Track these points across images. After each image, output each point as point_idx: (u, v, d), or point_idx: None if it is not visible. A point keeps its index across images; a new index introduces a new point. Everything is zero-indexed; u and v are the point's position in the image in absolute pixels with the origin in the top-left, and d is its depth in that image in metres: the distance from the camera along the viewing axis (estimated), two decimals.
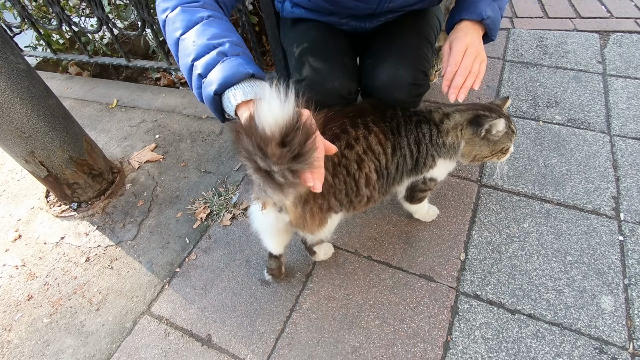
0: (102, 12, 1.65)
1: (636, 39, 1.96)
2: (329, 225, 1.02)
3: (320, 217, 0.96)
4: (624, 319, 1.06)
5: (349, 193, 0.98)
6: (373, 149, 0.98)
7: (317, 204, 0.94)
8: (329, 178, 0.93)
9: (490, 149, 1.02)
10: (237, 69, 0.72)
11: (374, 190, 1.03)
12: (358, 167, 0.96)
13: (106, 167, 1.58)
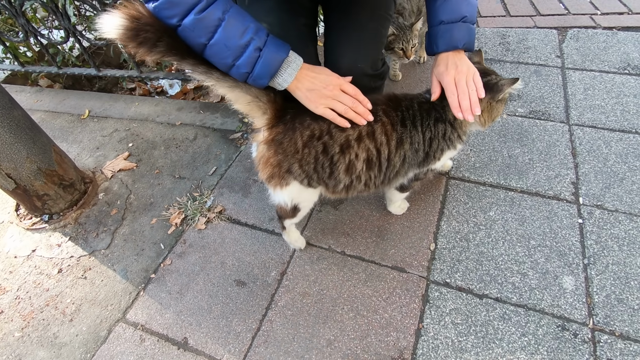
0: (68, 22, 1.64)
1: (591, 33, 2.06)
2: (290, 192, 1.04)
3: (275, 172, 1.00)
4: (584, 297, 1.11)
5: (319, 171, 1.00)
6: (376, 137, 0.99)
7: (275, 157, 0.98)
8: (299, 144, 0.96)
9: (503, 105, 1.10)
10: (275, 59, 0.88)
11: (357, 180, 1.04)
12: (340, 151, 0.98)
13: (78, 178, 1.57)
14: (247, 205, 1.48)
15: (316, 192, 1.11)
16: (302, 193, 1.07)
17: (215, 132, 1.83)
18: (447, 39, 1.00)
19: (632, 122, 1.57)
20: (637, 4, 2.22)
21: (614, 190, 1.34)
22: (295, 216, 1.17)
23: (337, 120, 0.94)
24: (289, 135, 0.96)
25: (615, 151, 1.47)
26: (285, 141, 0.97)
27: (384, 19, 1.18)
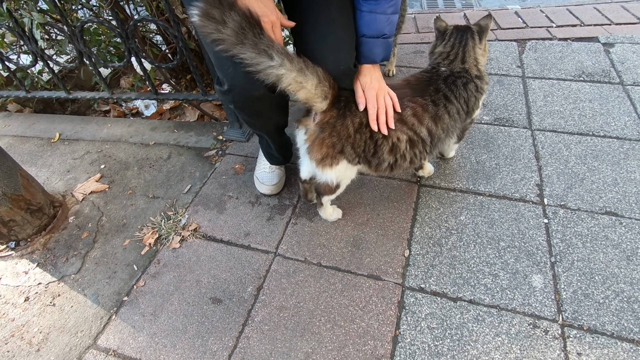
0: (36, 46, 1.63)
1: (548, 44, 2.18)
2: (338, 170, 1.14)
3: (328, 153, 1.10)
4: (552, 294, 1.14)
5: (366, 151, 1.13)
6: (406, 121, 1.12)
7: (330, 139, 1.08)
8: (350, 129, 1.08)
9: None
10: None
11: (401, 158, 1.17)
12: (383, 136, 1.11)
13: (46, 202, 1.53)
14: (222, 222, 1.47)
15: (355, 170, 1.22)
16: (346, 171, 1.18)
17: (190, 150, 1.82)
18: (367, 52, 1.11)
19: (589, 125, 1.65)
20: (588, 17, 2.38)
21: (575, 190, 1.41)
22: (336, 192, 1.27)
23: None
24: (340, 120, 1.08)
25: (575, 153, 1.54)
26: (338, 125, 1.08)
27: (350, 8, 1.11)
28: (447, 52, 1.24)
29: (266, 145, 1.48)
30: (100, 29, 1.84)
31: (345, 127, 1.08)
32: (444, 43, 1.25)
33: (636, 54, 2.01)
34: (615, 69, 1.93)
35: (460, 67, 1.22)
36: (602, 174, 1.45)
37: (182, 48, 1.54)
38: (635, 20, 2.30)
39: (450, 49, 1.23)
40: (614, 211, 1.32)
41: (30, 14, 1.55)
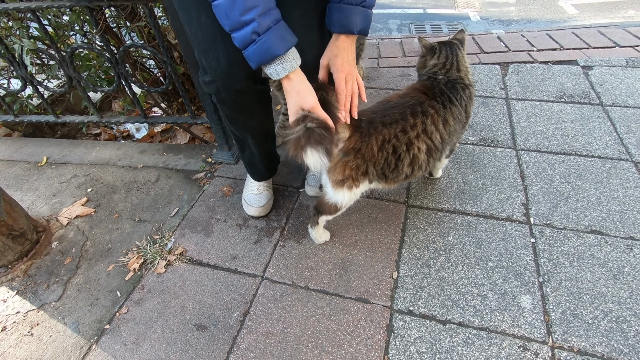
0: (25, 71, 1.64)
1: (530, 67, 2.25)
2: (355, 191, 1.16)
3: (351, 174, 1.11)
4: (542, 315, 1.13)
5: (385, 168, 1.14)
6: (427, 130, 1.15)
7: (354, 162, 1.09)
8: (375, 149, 1.09)
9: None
10: (268, 52, 0.87)
11: (418, 169, 1.19)
12: (406, 149, 1.13)
13: (29, 227, 1.50)
14: (209, 245, 1.45)
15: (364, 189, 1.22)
16: (361, 189, 1.19)
17: (178, 173, 1.82)
18: (344, 21, 0.99)
19: (571, 145, 1.69)
20: (567, 41, 2.47)
21: (561, 209, 1.42)
22: (337, 213, 1.28)
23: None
24: (365, 142, 1.09)
25: (559, 172, 1.56)
26: (363, 147, 1.09)
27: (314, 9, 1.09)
28: (442, 63, 1.28)
29: (249, 156, 1.45)
30: (91, 55, 1.86)
31: (370, 148, 1.09)
32: (437, 56, 1.30)
33: (614, 76, 2.08)
34: (594, 91, 2.00)
35: (456, 75, 1.27)
36: (586, 193, 1.47)
37: (172, 73, 1.56)
38: (611, 44, 2.40)
39: (445, 59, 1.28)
40: (599, 230, 1.33)
41: (20, 40, 1.57)
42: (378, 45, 2.75)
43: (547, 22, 4.63)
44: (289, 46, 0.90)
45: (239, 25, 0.85)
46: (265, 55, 0.88)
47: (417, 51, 2.60)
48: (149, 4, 1.40)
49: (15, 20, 1.67)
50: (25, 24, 1.71)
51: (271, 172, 1.56)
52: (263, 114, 1.32)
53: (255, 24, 0.84)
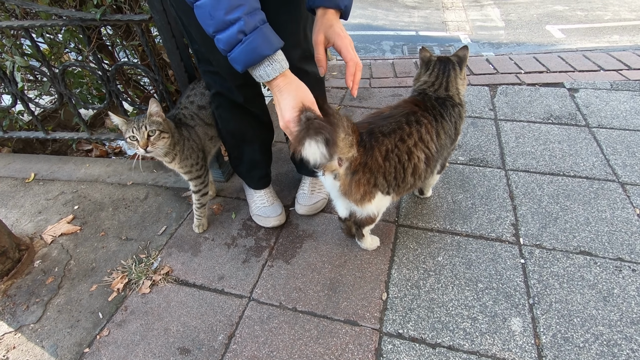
0: (15, 87, 1.64)
1: (518, 89, 2.30)
2: (376, 202, 1.17)
3: (366, 190, 1.12)
4: (532, 338, 1.11)
5: (397, 177, 1.15)
6: (423, 138, 1.16)
7: (365, 177, 1.10)
8: (379, 159, 1.10)
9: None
10: (256, 53, 0.83)
11: (418, 178, 1.21)
12: (408, 158, 1.15)
13: (12, 245, 1.47)
14: (196, 265, 1.42)
15: (390, 199, 1.24)
16: (382, 200, 1.20)
17: (168, 191, 1.80)
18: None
19: (559, 165, 1.71)
20: (554, 64, 2.54)
21: (550, 229, 1.42)
22: (376, 220, 1.30)
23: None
24: (369, 154, 1.09)
25: (548, 193, 1.57)
26: (369, 160, 1.09)
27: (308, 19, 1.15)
28: (432, 82, 1.30)
29: (249, 158, 1.50)
30: (84, 72, 1.87)
31: (375, 159, 1.10)
32: (429, 72, 1.31)
33: (599, 99, 2.13)
34: (580, 112, 2.04)
35: (444, 94, 1.28)
36: (575, 213, 1.47)
37: (163, 91, 1.57)
38: (596, 67, 2.47)
39: (434, 78, 1.29)
40: (588, 250, 1.33)
41: (12, 57, 1.57)
42: (370, 66, 2.81)
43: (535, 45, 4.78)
44: (277, 47, 0.86)
45: (223, 26, 0.81)
46: (253, 55, 0.83)
47: (409, 72, 2.65)
48: (142, 24, 1.42)
49: (8, 38, 1.68)
50: (19, 42, 1.72)
51: (270, 177, 1.60)
52: (264, 105, 1.39)
53: (241, 22, 0.80)
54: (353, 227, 1.37)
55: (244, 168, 1.55)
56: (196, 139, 1.40)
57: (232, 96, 1.30)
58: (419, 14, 6.39)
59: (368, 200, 1.16)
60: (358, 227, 1.33)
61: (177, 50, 1.41)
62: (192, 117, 1.41)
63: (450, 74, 1.30)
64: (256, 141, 1.47)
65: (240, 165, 1.56)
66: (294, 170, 1.82)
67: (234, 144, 1.49)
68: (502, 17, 5.80)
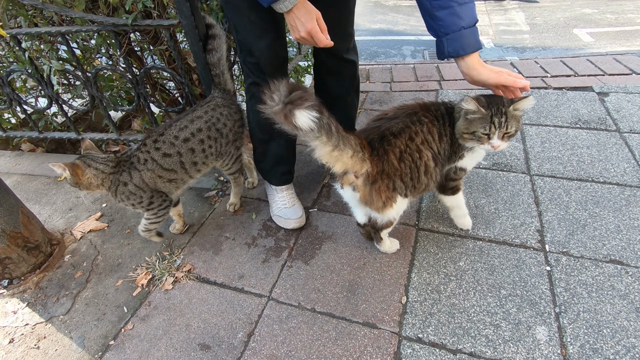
0: (52, 90, 1.73)
1: (544, 93, 2.25)
2: (396, 206, 1.19)
3: (387, 195, 1.14)
4: (558, 348, 1.07)
5: (413, 178, 1.16)
6: (427, 138, 1.15)
7: (384, 183, 1.12)
8: (395, 162, 1.11)
9: (465, 126, 1.13)
10: None
11: (430, 178, 1.19)
12: (419, 157, 1.14)
13: (44, 239, 1.54)
14: (217, 263, 1.45)
15: (407, 202, 1.25)
16: (401, 204, 1.22)
17: (191, 191, 1.85)
18: (474, 42, 1.11)
19: (587, 171, 1.65)
20: (582, 68, 2.47)
21: (577, 236, 1.37)
22: (391, 226, 1.31)
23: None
24: (385, 160, 1.11)
25: (575, 199, 1.52)
26: (386, 166, 1.11)
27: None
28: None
29: (275, 150, 1.55)
30: (114, 76, 1.95)
31: (391, 164, 1.11)
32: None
33: (631, 103, 2.05)
34: (611, 117, 1.97)
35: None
36: (604, 221, 1.42)
37: (188, 93, 1.62)
38: (627, 71, 2.38)
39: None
40: (619, 259, 1.28)
41: (49, 61, 1.66)
42: (391, 70, 2.80)
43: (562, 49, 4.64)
44: None
45: None
46: None
47: (430, 76, 2.63)
48: (170, 29, 1.47)
49: (45, 43, 1.77)
50: (55, 47, 1.81)
51: (292, 173, 1.65)
52: None
53: None
54: (372, 231, 1.37)
55: (268, 164, 1.59)
56: (138, 183, 1.34)
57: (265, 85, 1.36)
58: None
59: (390, 206, 1.17)
60: (376, 231, 1.33)
61: (204, 54, 1.45)
62: (145, 161, 1.34)
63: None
64: (283, 135, 1.50)
65: (263, 162, 1.60)
66: (314, 173, 1.83)
67: (261, 138, 1.55)
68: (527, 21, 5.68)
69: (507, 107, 1.10)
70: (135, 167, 1.34)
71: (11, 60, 1.96)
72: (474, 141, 1.14)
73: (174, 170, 1.39)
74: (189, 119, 1.39)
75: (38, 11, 1.78)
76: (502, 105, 1.10)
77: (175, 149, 1.36)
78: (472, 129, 1.11)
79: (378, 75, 2.75)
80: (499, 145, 1.13)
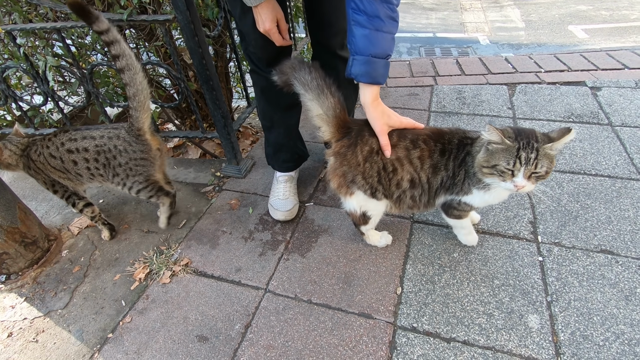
0: (47, 86, 1.73)
1: (537, 88, 2.27)
2: (357, 200, 1.20)
3: (339, 182, 1.17)
4: (550, 336, 1.09)
5: (383, 183, 1.14)
6: (412, 161, 1.11)
7: (341, 168, 1.14)
8: (359, 157, 1.12)
9: (486, 159, 0.99)
10: None
11: (403, 195, 1.17)
12: (392, 170, 1.13)
13: (42, 235, 1.54)
14: (214, 257, 1.46)
15: (381, 204, 1.22)
16: (367, 202, 1.20)
17: (188, 186, 1.85)
18: (373, 72, 1.07)
19: (580, 164, 1.67)
20: (575, 63, 2.49)
21: (569, 227, 1.40)
22: (368, 223, 1.29)
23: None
24: (351, 149, 1.11)
25: (568, 191, 1.55)
26: (349, 154, 1.12)
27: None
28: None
29: (276, 136, 1.58)
30: (110, 72, 1.95)
31: (355, 156, 1.11)
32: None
33: (623, 97, 2.08)
34: (603, 111, 1.99)
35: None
36: (596, 212, 1.44)
37: (184, 89, 1.62)
38: (620, 66, 2.40)
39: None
40: (609, 249, 1.30)
41: (45, 57, 1.66)
42: None
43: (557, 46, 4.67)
44: None
45: None
46: None
47: (425, 72, 2.65)
48: (166, 24, 1.48)
49: (41, 39, 1.77)
50: (50, 43, 1.81)
51: (295, 162, 1.67)
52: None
53: None
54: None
55: (271, 150, 1.65)
56: (35, 169, 1.44)
57: (263, 74, 1.39)
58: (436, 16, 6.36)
59: (345, 194, 1.19)
60: (355, 225, 1.34)
61: (200, 49, 1.46)
62: (39, 154, 1.41)
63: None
64: (281, 125, 1.56)
65: (268, 147, 1.66)
66: (311, 167, 1.85)
67: (264, 125, 1.60)
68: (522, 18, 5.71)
69: (540, 143, 0.94)
70: (31, 155, 1.43)
71: (6, 57, 1.96)
72: (495, 177, 0.98)
73: (63, 172, 1.44)
74: (83, 134, 1.39)
75: (33, 7, 1.78)
76: (533, 139, 0.94)
77: (59, 154, 1.41)
78: (493, 162, 0.96)
79: None
80: (524, 186, 0.95)
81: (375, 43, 1.03)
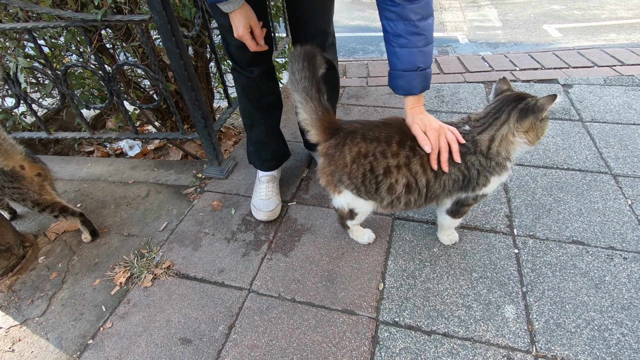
0: (19, 88, 1.68)
1: (512, 86, 2.33)
2: (345, 198, 1.21)
3: (327, 180, 1.19)
4: (525, 325, 1.13)
5: (367, 186, 1.14)
6: (411, 168, 1.10)
7: (329, 168, 1.15)
8: (347, 159, 1.11)
9: (547, 123, 1.12)
10: None
11: (397, 200, 1.16)
12: (384, 174, 1.11)
13: (16, 242, 1.50)
14: (197, 259, 1.45)
15: (369, 204, 1.23)
16: (355, 201, 1.22)
17: (169, 188, 1.83)
18: (406, 85, 1.15)
19: (552, 159, 1.74)
20: (548, 61, 2.57)
21: (543, 220, 1.45)
22: (354, 219, 1.31)
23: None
24: (339, 150, 1.12)
25: (542, 185, 1.60)
26: (336, 155, 1.12)
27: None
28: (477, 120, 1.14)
29: (257, 135, 1.58)
30: (85, 73, 1.91)
31: (342, 157, 1.11)
32: (487, 110, 1.13)
33: (592, 94, 2.16)
34: (574, 107, 2.07)
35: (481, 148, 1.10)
36: (568, 205, 1.50)
37: (163, 90, 1.60)
38: (590, 64, 2.50)
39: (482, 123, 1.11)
40: (580, 240, 1.36)
41: (16, 59, 1.61)
42: (367, 65, 2.84)
43: (533, 44, 4.81)
44: None
45: None
46: None
47: None
48: (142, 24, 1.46)
49: (11, 40, 1.72)
50: (21, 44, 1.76)
51: (277, 161, 1.67)
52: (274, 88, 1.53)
53: None
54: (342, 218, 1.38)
55: (252, 148, 1.64)
56: None
57: (244, 72, 1.40)
58: None
59: (334, 191, 1.21)
60: (340, 219, 1.37)
61: (177, 49, 1.45)
62: None
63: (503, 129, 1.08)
64: (262, 123, 1.56)
65: (249, 145, 1.65)
66: (293, 167, 1.85)
67: (245, 123, 1.60)
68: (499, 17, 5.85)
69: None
70: None
71: None
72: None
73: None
74: None
75: (2, 7, 1.72)
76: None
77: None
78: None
79: (355, 71, 2.79)
80: None
81: (402, 59, 1.11)
